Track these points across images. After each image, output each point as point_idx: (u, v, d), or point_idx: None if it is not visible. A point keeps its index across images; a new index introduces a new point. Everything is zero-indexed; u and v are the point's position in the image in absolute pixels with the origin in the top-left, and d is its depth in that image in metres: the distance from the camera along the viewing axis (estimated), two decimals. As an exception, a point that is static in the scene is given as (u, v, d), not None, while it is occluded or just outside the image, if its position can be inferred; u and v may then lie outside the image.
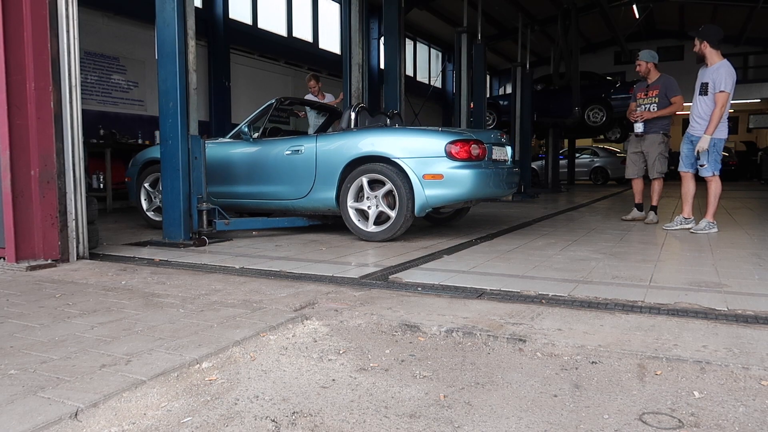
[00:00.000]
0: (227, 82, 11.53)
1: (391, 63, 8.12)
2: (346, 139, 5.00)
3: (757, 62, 22.99)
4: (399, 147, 4.69)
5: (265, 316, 2.52)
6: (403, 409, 1.68)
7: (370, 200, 4.81)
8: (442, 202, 4.73)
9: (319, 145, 5.06)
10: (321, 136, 5.15)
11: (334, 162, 4.94)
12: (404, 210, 4.62)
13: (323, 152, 5.03)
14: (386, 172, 4.68)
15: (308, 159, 5.08)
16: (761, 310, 2.54)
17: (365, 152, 4.79)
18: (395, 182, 4.64)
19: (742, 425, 1.56)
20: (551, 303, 2.73)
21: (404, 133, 4.98)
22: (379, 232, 4.76)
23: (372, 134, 4.96)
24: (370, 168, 4.76)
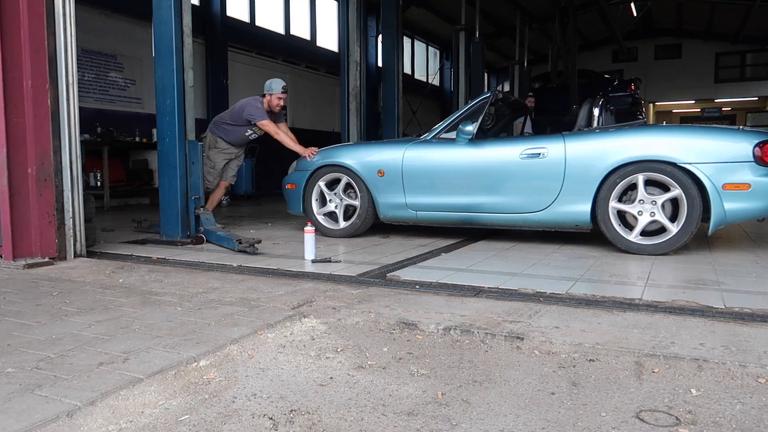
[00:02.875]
0: (225, 79, 11.51)
1: (389, 61, 8.12)
2: (610, 139, 4.09)
3: (754, 60, 23.00)
4: (690, 150, 3.81)
5: (262, 314, 2.52)
6: (400, 407, 1.68)
7: (643, 205, 3.94)
8: (745, 217, 3.88)
9: (570, 147, 4.14)
10: (570, 136, 4.24)
11: (592, 168, 4.03)
12: (693, 225, 3.79)
13: (576, 156, 4.11)
14: (676, 175, 3.81)
15: (553, 164, 4.17)
16: (758, 307, 2.55)
17: (640, 156, 3.90)
18: (687, 190, 3.79)
19: (739, 423, 1.57)
20: (549, 301, 2.74)
21: (696, 132, 4.00)
22: (653, 245, 3.93)
23: (648, 133, 4.10)
24: (650, 167, 3.90)
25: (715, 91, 23.57)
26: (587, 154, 4.09)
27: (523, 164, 4.30)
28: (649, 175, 3.91)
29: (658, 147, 3.90)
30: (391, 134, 8.02)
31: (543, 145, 4.26)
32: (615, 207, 4.00)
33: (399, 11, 8.21)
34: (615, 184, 3.98)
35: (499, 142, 4.69)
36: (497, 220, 4.49)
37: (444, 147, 4.66)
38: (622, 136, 4.10)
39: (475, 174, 4.50)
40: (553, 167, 4.18)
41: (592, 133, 4.26)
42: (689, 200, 3.79)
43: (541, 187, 4.23)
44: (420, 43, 19.75)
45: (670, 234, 3.88)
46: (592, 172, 4.04)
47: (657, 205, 3.91)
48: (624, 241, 4.00)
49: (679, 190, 3.82)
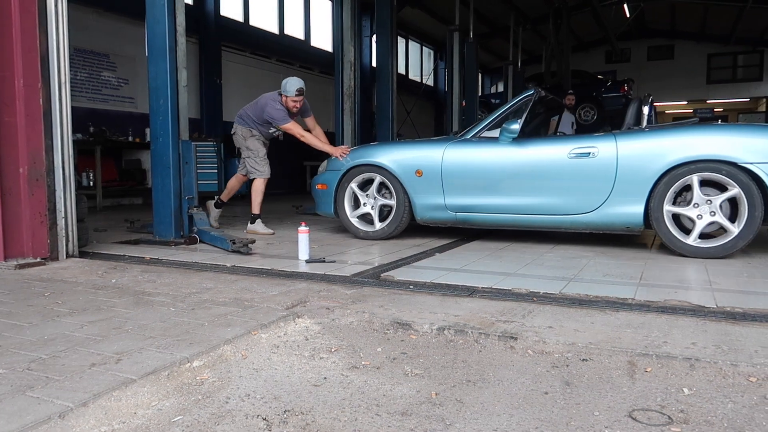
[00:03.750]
0: (218, 79, 11.49)
1: (383, 61, 8.12)
2: (665, 138, 3.94)
3: (746, 62, 23.15)
4: (751, 149, 3.68)
5: (256, 314, 2.52)
6: (394, 407, 1.68)
7: (700, 207, 3.81)
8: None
9: (621, 147, 4.02)
10: (622, 135, 4.12)
11: (646, 168, 3.90)
12: (755, 225, 3.67)
13: (628, 155, 3.99)
14: (737, 175, 3.69)
15: (604, 164, 4.04)
16: (750, 307, 2.57)
17: (697, 156, 3.76)
18: (748, 191, 3.66)
19: (731, 421, 1.58)
20: (542, 301, 2.74)
21: (756, 130, 3.85)
22: (711, 247, 3.81)
23: (706, 132, 3.92)
24: (709, 167, 3.77)
25: (707, 91, 23.70)
26: (640, 154, 3.97)
27: (572, 164, 4.16)
28: (706, 176, 3.78)
29: (717, 146, 3.76)
30: (385, 134, 8.02)
31: (593, 144, 4.13)
32: (671, 210, 3.87)
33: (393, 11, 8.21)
34: (670, 185, 3.85)
35: (546, 141, 4.60)
36: (543, 222, 4.34)
37: (486, 146, 4.51)
38: (677, 135, 3.93)
39: (520, 174, 4.37)
40: (604, 167, 4.05)
41: (644, 131, 4.12)
42: (750, 201, 3.65)
43: (591, 188, 4.10)
44: (414, 44, 19.76)
45: (731, 236, 3.74)
46: (646, 172, 3.91)
47: (715, 206, 3.78)
48: (680, 244, 3.87)
49: (738, 189, 3.69)
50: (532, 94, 4.59)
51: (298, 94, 5.07)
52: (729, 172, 3.70)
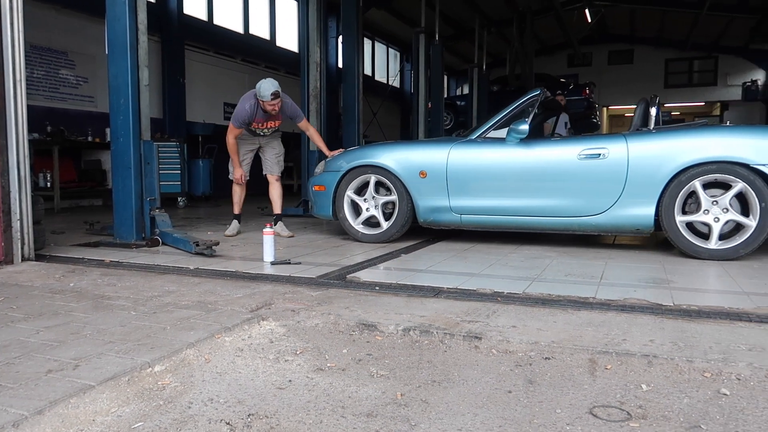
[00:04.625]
0: (182, 79, 11.28)
1: (350, 62, 8.11)
2: (676, 139, 3.91)
3: (701, 67, 23.90)
4: (763, 150, 3.70)
5: (220, 317, 2.48)
6: (360, 409, 1.68)
7: (710, 210, 3.82)
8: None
9: (632, 148, 3.98)
10: (632, 136, 4.09)
11: (658, 169, 3.87)
12: (765, 226, 3.69)
13: (639, 156, 3.95)
14: (741, 173, 3.71)
15: (614, 165, 4.00)
16: (705, 304, 2.65)
17: (711, 157, 3.75)
18: (748, 180, 3.69)
19: (687, 416, 1.62)
20: (506, 300, 2.78)
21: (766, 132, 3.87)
22: (727, 249, 3.79)
23: (718, 133, 3.94)
24: (720, 169, 3.76)
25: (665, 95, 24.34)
26: (652, 155, 3.93)
27: (582, 165, 4.10)
28: (718, 177, 3.78)
29: (730, 148, 3.75)
30: (351, 136, 8.00)
31: (603, 146, 4.09)
32: (683, 220, 3.86)
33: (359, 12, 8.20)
34: (681, 187, 3.84)
35: (554, 142, 4.54)
36: (551, 225, 4.28)
37: (493, 147, 4.43)
38: (688, 136, 3.92)
39: (528, 176, 4.29)
40: (615, 168, 4.01)
41: (655, 133, 4.09)
42: (756, 191, 3.66)
43: (601, 190, 4.05)
44: (380, 45, 19.79)
45: (751, 229, 3.72)
46: (658, 174, 3.88)
47: (724, 204, 3.77)
48: (692, 246, 3.86)
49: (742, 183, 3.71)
50: (539, 94, 4.53)
51: (273, 98, 4.91)
52: (742, 175, 3.70)
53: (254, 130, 5.22)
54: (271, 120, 5.15)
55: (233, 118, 5.07)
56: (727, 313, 2.52)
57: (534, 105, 4.50)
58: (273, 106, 4.95)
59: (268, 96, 4.87)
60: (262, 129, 5.21)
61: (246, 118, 5.02)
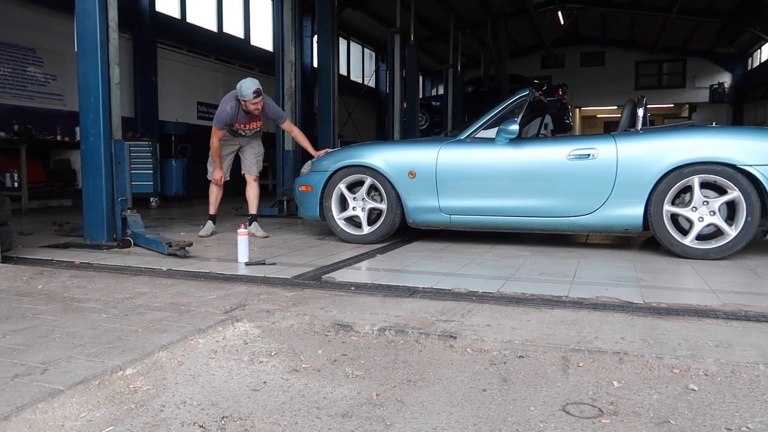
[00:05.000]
0: (154, 77, 11.11)
1: (325, 62, 8.08)
2: (664, 140, 3.95)
3: (670, 69, 24.42)
4: (749, 151, 3.74)
5: (193, 319, 2.45)
6: (335, 410, 1.67)
7: (699, 209, 3.85)
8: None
9: (621, 148, 4.01)
10: (621, 137, 4.11)
11: (646, 170, 3.91)
12: (752, 228, 3.74)
13: (628, 157, 3.98)
14: (735, 177, 3.74)
15: (603, 165, 4.03)
16: (674, 302, 2.71)
17: (697, 158, 3.80)
18: (746, 193, 3.72)
19: (657, 411, 1.66)
20: (481, 300, 2.80)
21: (752, 133, 3.94)
22: (710, 249, 3.85)
23: (705, 134, 3.96)
24: (708, 169, 3.81)
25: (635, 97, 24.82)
26: (641, 156, 3.97)
27: (571, 166, 4.12)
28: (705, 177, 3.82)
29: (717, 148, 3.80)
30: (327, 135, 7.97)
31: (592, 146, 4.11)
32: (669, 210, 3.90)
33: (335, 12, 8.18)
34: (670, 187, 3.87)
35: (544, 142, 4.57)
36: (540, 225, 4.30)
37: (483, 147, 4.42)
38: (676, 137, 3.96)
39: (518, 176, 4.30)
40: (604, 169, 4.03)
41: (643, 133, 4.13)
42: (748, 203, 3.72)
43: (590, 190, 4.08)
44: (356, 45, 19.78)
45: (730, 237, 3.79)
46: (646, 174, 3.92)
47: (713, 207, 3.82)
48: (679, 246, 3.89)
49: (737, 192, 3.74)
50: (527, 95, 4.53)
51: (255, 96, 4.81)
52: (729, 175, 3.74)
53: (236, 131, 5.17)
54: (254, 121, 5.11)
55: (215, 120, 5.01)
56: (695, 310, 2.57)
57: (523, 105, 4.50)
58: (255, 105, 4.88)
59: (251, 95, 4.79)
60: (244, 130, 5.17)
61: (228, 119, 4.96)
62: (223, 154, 5.27)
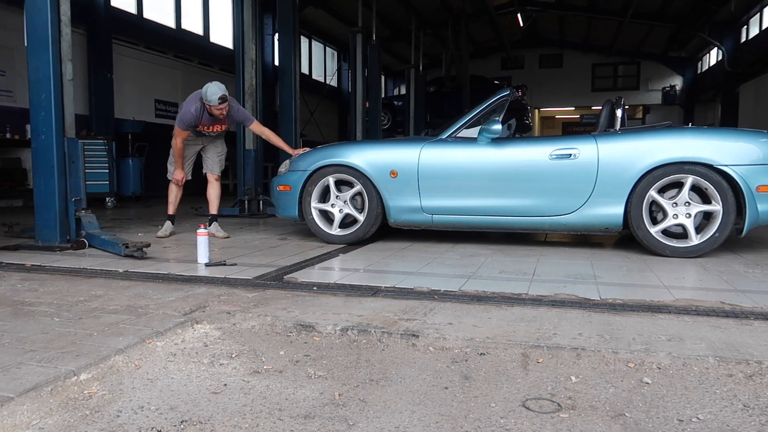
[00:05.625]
0: (110, 74, 10.82)
1: (286, 60, 8.02)
2: (644, 140, 4.02)
3: (625, 72, 25.15)
4: (725, 152, 3.83)
5: (151, 321, 2.40)
6: (297, 411, 1.66)
7: (678, 207, 3.92)
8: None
9: (602, 148, 4.05)
10: (602, 137, 4.15)
11: (627, 169, 3.96)
12: (728, 226, 3.82)
13: (609, 157, 4.02)
14: (712, 177, 3.83)
15: (584, 165, 4.06)
16: (629, 298, 2.78)
17: (678, 158, 3.86)
18: (721, 190, 3.81)
19: (612, 405, 1.70)
20: (443, 298, 2.82)
21: (728, 134, 4.08)
22: (684, 247, 3.92)
23: (683, 135, 4.03)
24: (686, 169, 3.88)
25: (592, 98, 25.47)
26: (621, 156, 4.01)
27: (553, 165, 4.14)
28: (681, 177, 3.89)
29: (695, 149, 3.87)
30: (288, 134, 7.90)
31: (574, 146, 4.13)
32: (653, 196, 3.95)
33: (296, 10, 8.12)
34: (649, 187, 3.94)
35: (525, 142, 4.56)
36: (522, 224, 4.32)
37: (465, 147, 4.40)
38: (656, 137, 4.03)
39: (500, 175, 4.30)
40: (585, 169, 4.07)
41: (623, 134, 4.18)
42: (723, 220, 3.81)
43: (572, 190, 4.10)
44: (318, 44, 19.68)
45: (709, 235, 3.86)
46: (627, 173, 3.97)
47: (692, 211, 3.89)
48: (658, 244, 3.96)
49: (719, 207, 3.82)
50: (508, 95, 4.53)
51: (221, 102, 4.72)
52: (706, 175, 3.82)
53: (200, 131, 5.08)
54: (218, 123, 5.02)
55: (179, 121, 4.91)
56: (649, 306, 2.65)
57: (504, 105, 4.50)
58: (221, 111, 4.81)
59: (216, 101, 4.71)
60: (208, 132, 5.08)
61: (192, 120, 4.87)
62: (186, 155, 5.18)
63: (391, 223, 4.57)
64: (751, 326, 2.34)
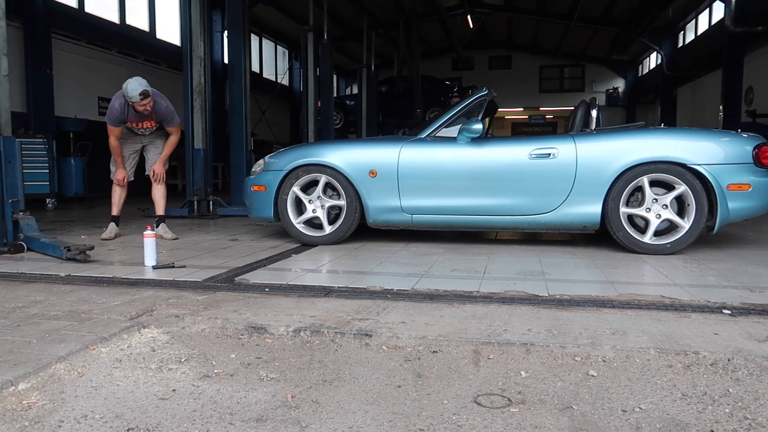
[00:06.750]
0: (49, 70, 10.37)
1: (236, 58, 7.88)
2: (620, 140, 4.11)
3: (571, 74, 25.91)
4: (698, 151, 3.94)
5: (95, 327, 2.31)
6: (249, 414, 1.64)
7: (652, 209, 4.02)
8: (744, 216, 4.05)
9: (580, 148, 4.11)
10: (580, 137, 4.21)
11: (604, 169, 4.03)
12: (700, 220, 3.94)
13: (587, 156, 4.08)
14: (685, 176, 3.93)
15: (563, 164, 4.11)
16: (575, 294, 2.87)
17: (651, 157, 3.97)
18: (692, 186, 3.92)
19: (560, 398, 1.75)
20: (396, 297, 2.84)
21: (701, 135, 4.18)
22: (659, 245, 4.02)
23: (657, 135, 4.17)
24: (660, 168, 3.97)
25: (540, 100, 26.14)
26: (599, 155, 4.09)
27: (533, 165, 4.18)
28: (657, 176, 3.99)
29: (670, 149, 3.98)
30: (239, 134, 7.77)
31: (552, 146, 4.18)
32: (626, 212, 4.04)
33: (245, 7, 7.99)
34: (626, 185, 4.02)
35: (504, 141, 4.57)
36: (502, 223, 4.36)
37: (445, 146, 4.40)
38: (632, 138, 4.12)
39: (480, 175, 4.31)
40: (564, 168, 4.12)
41: (600, 134, 4.26)
42: (696, 197, 3.91)
43: (551, 189, 4.15)
44: (268, 42, 19.44)
45: (683, 231, 3.97)
46: (604, 173, 4.04)
47: (665, 202, 3.99)
48: (637, 243, 4.03)
49: (684, 186, 3.92)
50: (486, 95, 4.54)
51: (142, 98, 4.57)
52: (680, 174, 3.93)
53: (133, 129, 4.92)
54: (145, 120, 4.86)
55: (107, 118, 4.79)
56: (594, 301, 2.74)
57: (482, 105, 4.51)
58: (144, 107, 4.66)
59: (137, 97, 4.57)
60: (137, 129, 4.92)
61: (118, 116, 4.73)
62: (126, 153, 5.02)
63: (370, 223, 4.54)
64: (689, 318, 2.44)
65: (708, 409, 1.67)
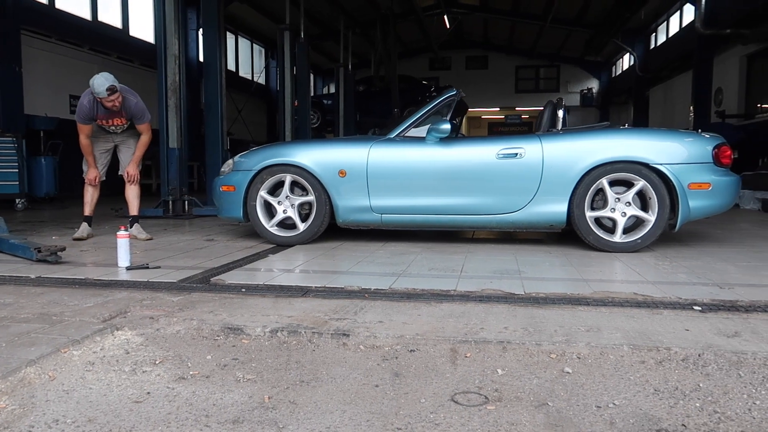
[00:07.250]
0: (18, 67, 10.11)
1: (211, 56, 7.79)
2: (586, 140, 4.17)
3: (546, 74, 26.19)
4: (660, 151, 4.03)
5: (66, 329, 2.27)
6: (225, 416, 1.62)
7: (618, 204, 4.10)
8: (705, 214, 4.15)
9: (546, 148, 4.17)
10: (546, 137, 4.26)
11: (570, 168, 4.09)
12: (665, 212, 4.02)
13: (553, 156, 4.14)
14: (648, 175, 4.02)
15: (530, 164, 4.16)
16: (550, 291, 2.90)
17: (615, 157, 4.04)
18: (649, 180, 4.01)
19: (536, 395, 1.77)
20: (374, 297, 2.84)
21: (663, 135, 4.29)
22: (630, 242, 4.09)
23: (621, 135, 4.23)
24: (624, 168, 4.05)
25: (516, 100, 26.37)
26: (564, 155, 4.15)
27: (500, 164, 4.23)
28: (621, 176, 4.07)
29: (633, 148, 4.07)
30: (215, 133, 7.69)
31: (519, 145, 4.23)
32: (592, 216, 4.12)
33: (221, 5, 7.90)
34: (589, 187, 4.09)
35: (472, 141, 4.59)
36: (470, 222, 4.41)
37: (413, 146, 4.43)
38: (597, 138, 4.19)
39: (448, 174, 4.35)
40: (531, 167, 4.18)
41: (566, 134, 4.32)
42: (657, 193, 3.99)
43: (518, 188, 4.21)
44: (244, 40, 19.27)
45: (648, 226, 4.05)
46: (570, 172, 4.11)
47: (627, 199, 4.07)
48: (608, 243, 4.10)
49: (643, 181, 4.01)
50: (455, 95, 4.59)
51: (109, 93, 4.48)
52: (643, 173, 4.01)
53: (104, 127, 4.83)
54: (115, 117, 4.77)
55: (76, 115, 4.71)
56: (569, 298, 2.77)
57: (451, 105, 4.54)
58: (112, 103, 4.57)
59: (104, 92, 4.48)
60: (108, 126, 4.84)
61: (87, 113, 4.64)
62: (97, 153, 4.93)
63: (339, 223, 4.54)
64: (660, 315, 2.49)
65: (679, 403, 1.70)
